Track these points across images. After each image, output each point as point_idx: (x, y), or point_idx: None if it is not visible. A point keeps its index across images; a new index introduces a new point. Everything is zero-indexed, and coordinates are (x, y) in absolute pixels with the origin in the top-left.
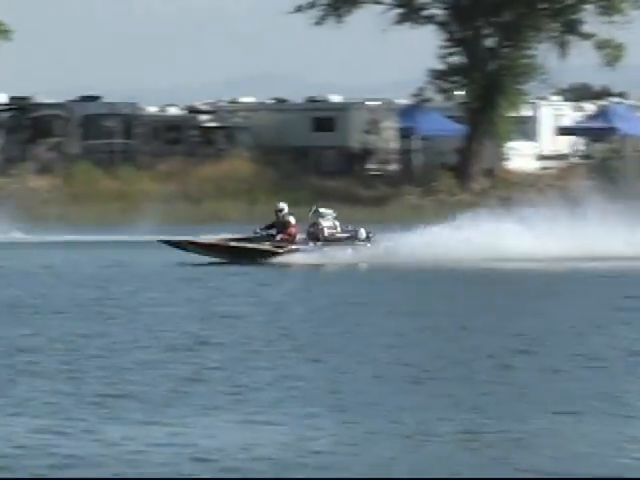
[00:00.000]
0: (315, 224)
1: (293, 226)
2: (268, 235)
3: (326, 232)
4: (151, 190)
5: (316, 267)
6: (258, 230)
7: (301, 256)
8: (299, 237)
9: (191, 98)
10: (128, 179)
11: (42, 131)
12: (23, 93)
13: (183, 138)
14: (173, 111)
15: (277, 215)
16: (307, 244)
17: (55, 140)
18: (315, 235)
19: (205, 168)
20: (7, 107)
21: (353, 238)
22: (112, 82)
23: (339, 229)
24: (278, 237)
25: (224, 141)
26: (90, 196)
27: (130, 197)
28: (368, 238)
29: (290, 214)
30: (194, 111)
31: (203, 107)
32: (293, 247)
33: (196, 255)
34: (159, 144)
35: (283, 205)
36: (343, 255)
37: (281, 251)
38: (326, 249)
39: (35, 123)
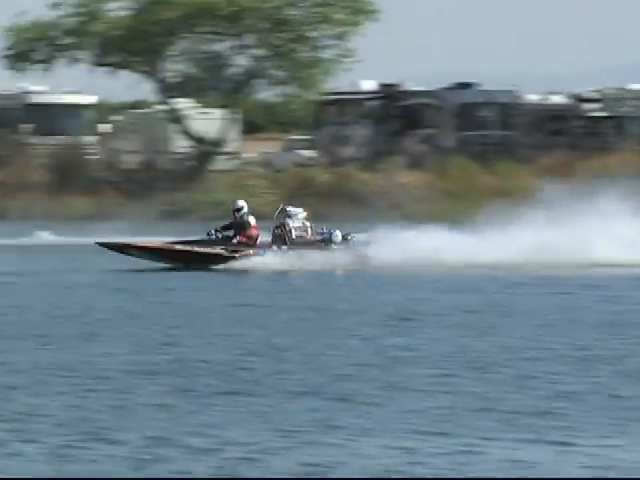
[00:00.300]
0: (282, 225)
1: (253, 227)
2: (224, 237)
3: (294, 234)
4: (532, 186)
5: (281, 273)
6: (212, 232)
7: (260, 261)
8: (262, 240)
9: (575, 85)
10: (506, 174)
11: (412, 122)
12: (391, 79)
13: (566, 129)
14: (556, 99)
15: (234, 215)
16: (271, 248)
17: (427, 131)
18: (282, 238)
19: (591, 162)
20: (376, 95)
21: (327, 241)
22: (486, 68)
23: (310, 231)
24: (235, 240)
25: (612, 132)
26: (466, 193)
27: (509, 193)
28: (345, 241)
29: (250, 214)
30: (580, 99)
31: (590, 95)
32: (250, 251)
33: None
34: (541, 136)
35: (242, 203)
36: (310, 260)
37: (236, 255)
38: (292, 253)
39: (405, 113)
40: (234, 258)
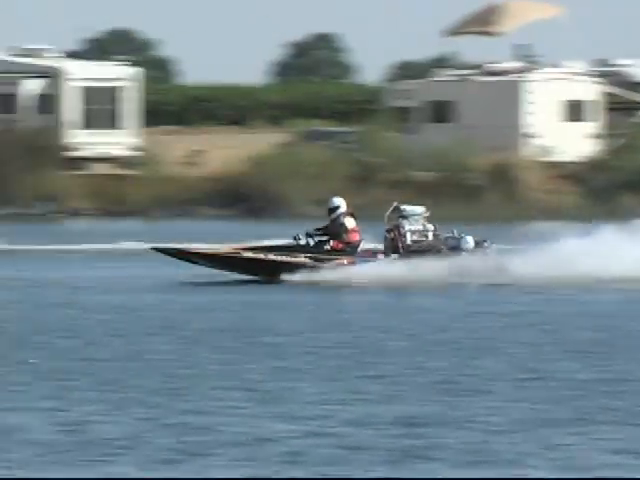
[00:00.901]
0: (396, 227)
1: (351, 231)
2: (319, 242)
3: (409, 239)
4: None
5: (396, 285)
6: (300, 235)
7: (355, 272)
8: (369, 247)
9: None
10: None
11: None
12: None
13: None
14: None
15: (330, 216)
16: (375, 257)
17: None
18: (395, 244)
19: None
20: None
21: (454, 248)
22: None
23: (431, 235)
24: (327, 246)
25: None
26: None
27: None
28: (481, 247)
29: (349, 214)
30: None
31: None
32: (344, 261)
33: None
34: None
35: (338, 201)
36: (423, 271)
37: (323, 266)
38: (400, 263)
39: None
40: (320, 268)
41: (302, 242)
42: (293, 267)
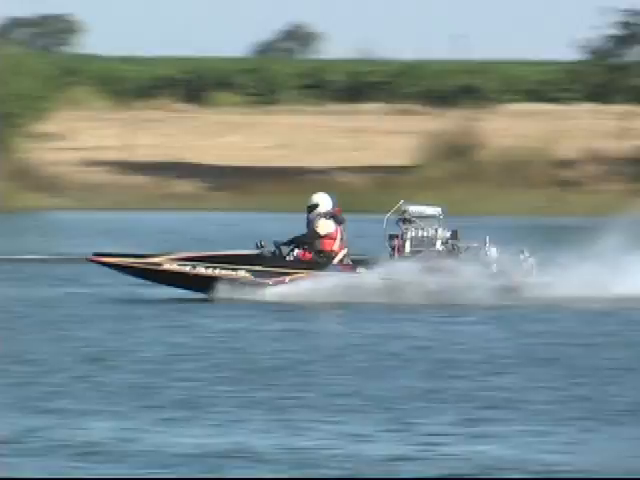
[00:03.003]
0: (402, 233)
1: (325, 238)
2: (290, 251)
3: (407, 247)
4: None
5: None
6: (263, 243)
7: (299, 288)
8: (363, 257)
9: None
10: None
11: None
12: None
13: None
14: None
15: (307, 216)
16: (354, 269)
17: None
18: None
19: None
20: None
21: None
22: None
23: (439, 243)
24: (291, 256)
25: None
26: None
27: None
28: (515, 260)
29: (330, 215)
30: None
31: None
32: (299, 273)
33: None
34: None
35: (317, 198)
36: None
37: (268, 282)
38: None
39: None
40: (264, 285)
41: (265, 251)
42: (225, 282)
